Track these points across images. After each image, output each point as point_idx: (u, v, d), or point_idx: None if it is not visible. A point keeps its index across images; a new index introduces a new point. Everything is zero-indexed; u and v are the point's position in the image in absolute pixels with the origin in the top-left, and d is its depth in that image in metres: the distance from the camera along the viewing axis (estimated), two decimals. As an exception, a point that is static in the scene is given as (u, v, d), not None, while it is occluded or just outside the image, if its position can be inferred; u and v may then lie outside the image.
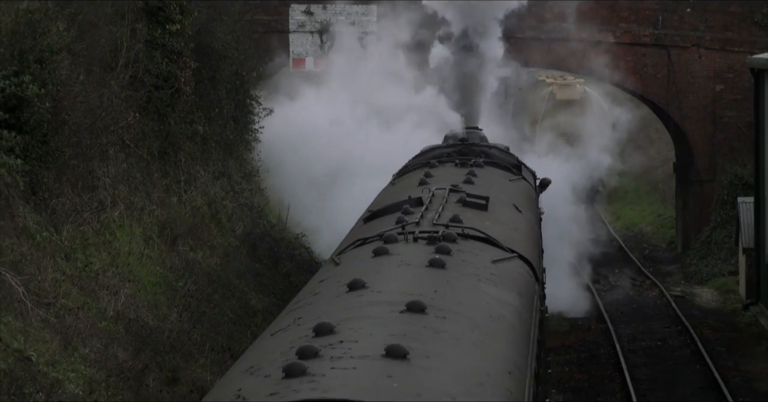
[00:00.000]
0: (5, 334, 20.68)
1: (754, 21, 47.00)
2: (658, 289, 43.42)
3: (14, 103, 24.50)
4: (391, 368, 10.47)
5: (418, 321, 12.25)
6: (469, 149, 27.49)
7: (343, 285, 13.95)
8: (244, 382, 10.72)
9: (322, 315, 12.46)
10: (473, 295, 14.32)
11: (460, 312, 13.22)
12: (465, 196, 20.07)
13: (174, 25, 32.04)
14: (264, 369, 10.98)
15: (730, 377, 32.58)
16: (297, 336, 11.85)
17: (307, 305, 13.85)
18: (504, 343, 12.87)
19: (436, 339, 11.88)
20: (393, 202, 20.61)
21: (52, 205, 25.44)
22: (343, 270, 15.63)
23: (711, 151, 46.86)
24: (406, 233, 16.83)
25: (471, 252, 16.55)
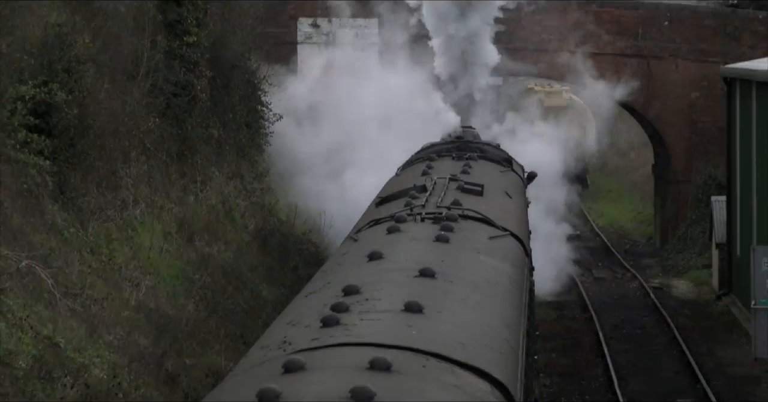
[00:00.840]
0: (36, 322, 20.71)
1: (727, 33, 47.03)
2: (638, 281, 43.43)
3: (44, 109, 24.54)
4: (409, 320, 11.69)
5: (430, 284, 13.40)
6: (465, 145, 28.32)
7: (363, 256, 15.04)
8: (287, 332, 11.81)
9: (348, 279, 13.50)
10: (474, 265, 15.51)
11: (464, 277, 14.39)
12: (463, 184, 21.11)
13: (191, 37, 32.06)
14: (303, 321, 12.13)
15: (704, 362, 32.62)
16: (329, 296, 12.95)
17: (333, 273, 15.00)
18: (501, 303, 14.12)
19: (445, 298, 13.07)
20: (400, 189, 21.65)
21: (79, 204, 25.48)
22: (361, 245, 16.76)
23: (687, 153, 46.89)
24: (414, 214, 17.98)
25: (470, 230, 17.66)
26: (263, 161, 38.22)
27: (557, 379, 31.40)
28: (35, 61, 24.99)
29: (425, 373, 10.36)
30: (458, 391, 10.10)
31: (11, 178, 22.94)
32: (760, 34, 47.05)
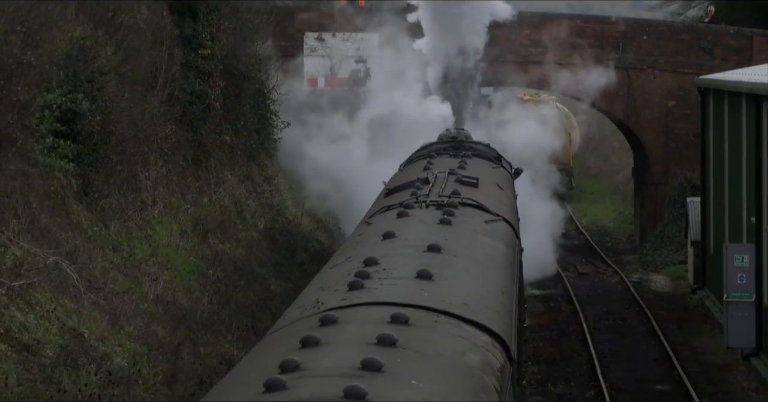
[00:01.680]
0: (62, 314, 20.73)
1: (701, 47, 47.06)
2: (619, 276, 43.44)
3: (69, 116, 24.57)
4: (421, 285, 12.93)
5: (437, 257, 14.66)
6: (460, 144, 29.18)
7: (378, 236, 16.36)
8: (319, 295, 13.04)
9: (366, 254, 14.66)
10: (473, 243, 16.89)
11: (465, 253, 15.77)
12: (460, 177, 22.45)
13: (205, 50, 32.08)
14: (332, 287, 13.42)
15: (680, 351, 32.63)
16: (352, 266, 14.21)
17: (353, 249, 16.25)
18: (496, 274, 15.49)
19: (450, 268, 14.37)
20: (406, 182, 23.00)
21: (102, 204, 25.49)
22: (375, 227, 17.99)
23: (664, 158, 46.89)
24: (420, 202, 19.45)
25: (469, 215, 19.01)
26: (272, 165, 38.24)
27: (544, 367, 31.40)
28: (61, 71, 25.02)
29: (437, 326, 11.64)
30: (465, 341, 11.50)
31: (39, 180, 22.95)
32: (731, 48, 47.09)
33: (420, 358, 10.44)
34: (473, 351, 11.50)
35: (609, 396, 28.28)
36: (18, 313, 19.52)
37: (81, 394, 18.82)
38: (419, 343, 10.76)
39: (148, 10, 31.88)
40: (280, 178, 38.68)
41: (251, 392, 9.09)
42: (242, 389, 9.37)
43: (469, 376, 10.64)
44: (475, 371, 10.89)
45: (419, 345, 10.71)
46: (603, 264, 46.39)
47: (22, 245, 21.11)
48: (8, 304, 19.40)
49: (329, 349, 10.22)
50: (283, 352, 10.21)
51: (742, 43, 47.17)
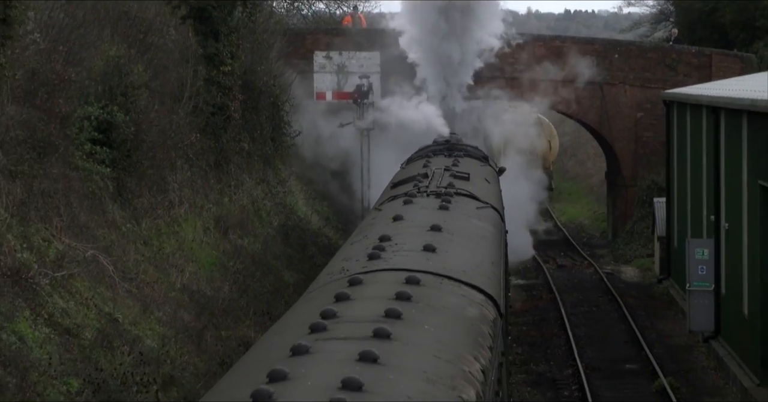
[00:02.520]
0: (99, 301, 20.77)
1: (666, 64, 47.09)
2: (594, 267, 43.44)
3: (105, 126, 24.62)
4: (427, 256, 14.17)
5: (438, 235, 15.93)
6: (453, 146, 30.17)
7: (389, 219, 17.67)
8: (344, 264, 14.35)
9: (380, 232, 15.94)
10: (467, 224, 18.23)
11: (462, 232, 17.12)
12: (455, 172, 23.72)
13: (226, 67, 32.10)
14: (354, 257, 14.74)
15: (647, 334, 32.65)
16: (369, 242, 15.54)
17: (368, 230, 17.59)
18: (487, 249, 16.77)
19: (450, 243, 15.69)
20: (408, 176, 24.40)
21: (134, 204, 25.53)
22: (385, 213, 19.23)
23: (633, 162, 46.92)
24: (421, 192, 20.75)
25: (463, 202, 20.37)
26: (285, 169, 38.29)
27: (527, 348, 31.43)
28: (99, 86, 25.07)
29: (442, 287, 12.89)
30: (464, 298, 12.78)
31: (79, 182, 23.00)
32: (693, 65, 47.14)
33: (430, 309, 11.69)
34: (471, 306, 12.78)
35: (584, 374, 28.31)
36: (60, 300, 19.57)
37: (116, 372, 18.86)
38: (429, 299, 12.01)
39: (175, 32, 31.94)
40: (292, 181, 38.72)
41: (299, 332, 10.24)
42: (291, 331, 10.55)
43: (470, 324, 11.96)
44: (474, 321, 12.20)
45: (429, 300, 11.97)
46: (579, 257, 46.42)
47: (64, 240, 21.16)
48: (51, 293, 19.45)
49: (358, 302, 11.37)
50: (320, 305, 11.19)
51: (703, 61, 47.22)
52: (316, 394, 7.92)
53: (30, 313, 18.41)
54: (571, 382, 28.31)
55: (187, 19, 31.92)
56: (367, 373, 8.52)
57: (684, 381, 27.85)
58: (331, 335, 9.95)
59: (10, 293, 18.26)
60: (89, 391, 17.79)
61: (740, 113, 26.96)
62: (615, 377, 28.55)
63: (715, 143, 30.04)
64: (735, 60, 47.52)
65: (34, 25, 23.19)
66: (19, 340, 17.57)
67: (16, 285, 18.57)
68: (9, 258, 18.87)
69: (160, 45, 30.27)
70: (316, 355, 9.29)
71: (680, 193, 36.60)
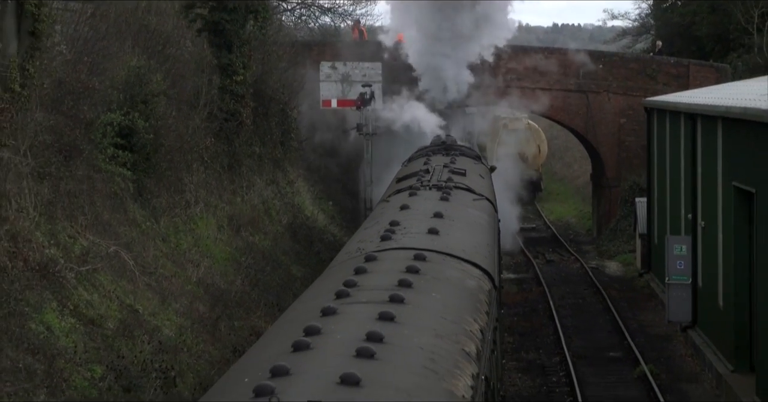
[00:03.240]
0: (120, 293, 20.77)
1: (647, 74, 47.12)
2: (580, 262, 43.50)
3: (127, 131, 24.62)
4: (432, 238, 15.38)
5: (441, 221, 17.04)
6: (449, 147, 31.16)
7: (397, 208, 18.85)
8: (359, 245, 15.65)
9: (390, 219, 16.96)
10: (465, 212, 19.34)
11: (460, 219, 18.27)
12: (452, 168, 24.86)
13: (238, 77, 32.11)
14: (368, 239, 16.01)
15: (629, 324, 32.68)
16: (380, 227, 16.75)
17: (379, 217, 18.79)
18: (483, 233, 17.98)
19: (451, 228, 16.79)
20: (411, 172, 25.47)
21: (153, 203, 25.53)
22: (393, 203, 20.35)
23: (617, 165, 46.93)
24: (424, 185, 21.82)
25: (461, 194, 21.48)
26: (293, 171, 38.31)
27: (518, 337, 31.46)
28: (120, 94, 25.08)
29: (445, 262, 14.04)
30: (465, 272, 13.95)
31: (102, 184, 23.01)
32: (672, 75, 47.15)
33: (436, 281, 12.80)
34: (471, 278, 13.91)
35: (571, 361, 28.33)
36: (85, 292, 19.58)
37: (136, 360, 18.87)
38: (435, 273, 13.13)
39: (191, 44, 31.95)
40: (300, 182, 38.73)
41: (324, 298, 11.33)
42: (318, 299, 11.50)
43: (469, 293, 13.07)
44: (473, 290, 13.32)
45: (435, 273, 13.10)
46: (567, 253, 46.47)
47: (88, 237, 21.17)
48: (77, 286, 19.46)
49: (375, 274, 12.45)
50: (343, 277, 12.29)
51: (681, 71, 47.23)
52: (345, 345, 8.98)
53: (57, 305, 18.43)
54: (559, 368, 28.34)
55: (203, 31, 31.95)
56: (386, 329, 9.53)
57: (663, 368, 27.87)
58: (353, 300, 11.01)
59: (38, 286, 18.28)
60: (112, 377, 17.80)
61: (715, 119, 26.96)
62: (599, 364, 28.57)
63: (692, 147, 30.03)
64: (711, 70, 47.52)
65: (60, 38, 23.20)
66: (47, 330, 17.59)
67: (44, 279, 18.58)
68: (37, 253, 18.88)
69: (177, 56, 30.28)
70: (342, 315, 10.28)
71: (660, 194, 36.61)
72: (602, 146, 47.08)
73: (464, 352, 10.33)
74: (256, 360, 9.56)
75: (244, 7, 32.08)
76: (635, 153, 45.90)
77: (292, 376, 8.29)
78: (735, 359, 25.39)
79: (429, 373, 9.18)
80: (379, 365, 8.79)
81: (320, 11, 58.98)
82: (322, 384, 8.05)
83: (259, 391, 7.82)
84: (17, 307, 17.16)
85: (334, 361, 8.72)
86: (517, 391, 26.10)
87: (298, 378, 8.24)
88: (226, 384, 9.08)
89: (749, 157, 23.63)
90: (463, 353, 10.29)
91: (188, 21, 31.81)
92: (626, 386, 26.57)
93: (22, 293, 17.58)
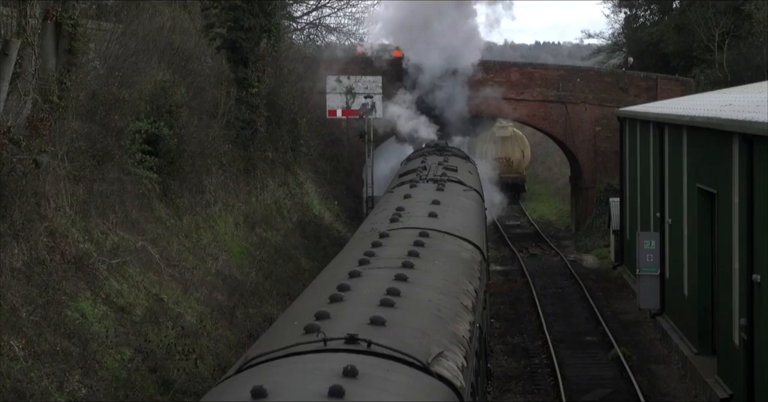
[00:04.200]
0: (147, 284, 20.80)
1: (620, 87, 47.15)
2: (560, 256, 43.50)
3: (153, 138, 24.64)
4: (432, 219, 17.28)
5: (438, 206, 18.90)
6: (443, 148, 33.33)
7: (401, 197, 20.81)
8: (373, 225, 17.69)
9: (396, 206, 19.03)
10: (458, 201, 21.20)
11: (454, 205, 20.10)
12: (446, 165, 26.72)
13: (254, 89, 32.14)
14: (380, 222, 17.73)
15: (604, 311, 32.70)
16: (389, 212, 18.56)
17: (386, 204, 20.81)
18: (473, 217, 19.89)
19: (447, 212, 18.70)
20: (411, 169, 27.51)
21: (177, 203, 25.55)
22: (397, 194, 22.07)
23: (593, 168, 46.96)
24: (422, 179, 23.58)
25: (454, 186, 23.39)
26: (302, 174, 38.32)
27: (505, 323, 31.48)
28: (148, 105, 25.10)
29: (444, 239, 15.95)
30: (460, 247, 15.80)
31: (131, 185, 23.04)
32: (642, 88, 47.19)
33: (438, 252, 14.50)
34: (465, 251, 15.70)
35: (552, 344, 28.34)
36: (115, 283, 19.61)
37: (161, 343, 18.90)
38: (436, 246, 14.87)
39: (211, 60, 31.97)
40: (308, 184, 38.75)
41: (349, 265, 12.88)
42: (344, 266, 13.23)
43: (465, 262, 14.91)
44: (468, 260, 15.13)
45: (437, 247, 14.83)
46: (548, 247, 46.48)
47: (118, 233, 21.20)
48: (108, 277, 19.49)
49: (388, 247, 14.20)
50: (362, 249, 14.06)
51: (650, 84, 47.26)
52: (371, 297, 10.75)
53: (90, 294, 18.46)
54: (541, 351, 28.36)
55: (221, 49, 31.97)
56: (401, 287, 11.27)
57: (635, 350, 27.89)
58: (373, 266, 12.70)
59: (74, 277, 18.31)
60: (139, 359, 17.84)
61: (681, 128, 26.99)
62: (577, 347, 28.60)
63: (660, 153, 30.06)
64: (677, 83, 47.56)
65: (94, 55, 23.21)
66: (82, 317, 17.62)
67: (79, 270, 18.61)
68: (73, 248, 18.92)
69: (198, 71, 30.30)
70: (366, 277, 11.98)
71: (631, 194, 36.64)
72: (580, 152, 47.10)
73: (462, 305, 12.13)
74: (301, 309, 11.01)
75: (258, 27, 32.10)
76: (609, 158, 45.93)
77: (332, 319, 9.80)
78: (698, 343, 25.43)
79: (437, 318, 10.87)
80: (399, 312, 10.38)
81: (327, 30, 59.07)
82: (356, 324, 9.59)
83: (309, 329, 9.40)
84: (55, 296, 17.19)
85: (364, 308, 10.27)
86: (504, 371, 26.12)
87: (336, 320, 9.76)
88: (280, 326, 10.63)
89: (711, 162, 23.67)
90: (461, 306, 12.06)
91: (209, 39, 31.84)
92: (601, 367, 26.60)
93: (60, 283, 17.61)
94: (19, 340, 15.34)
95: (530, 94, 46.58)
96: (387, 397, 7.92)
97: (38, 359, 15.40)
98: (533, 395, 24.25)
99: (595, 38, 66.22)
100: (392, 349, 8.97)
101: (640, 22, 60.21)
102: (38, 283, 17.06)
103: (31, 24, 18.49)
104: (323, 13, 58.21)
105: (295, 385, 7.90)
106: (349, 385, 7.73)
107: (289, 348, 9.02)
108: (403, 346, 9.16)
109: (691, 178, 26.00)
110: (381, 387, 8.05)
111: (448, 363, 9.58)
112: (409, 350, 9.19)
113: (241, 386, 8.09)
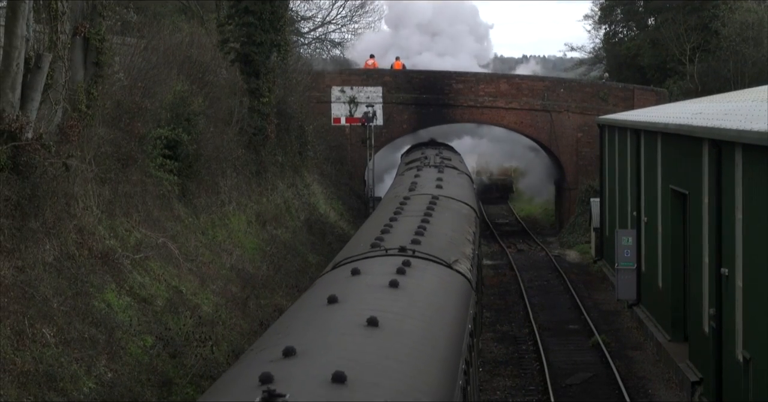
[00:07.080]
0: (167, 277, 20.81)
1: (600, 97, 47.15)
2: (545, 251, 43.50)
3: (173, 144, 24.64)
4: (439, 189, 21.47)
5: (441, 182, 23.61)
6: (436, 143, 38.04)
7: (412, 176, 25.94)
8: (396, 192, 21.17)
9: (409, 182, 23.00)
10: (455, 179, 25.73)
11: (453, 182, 24.42)
12: (442, 156, 31.91)
13: (264, 98, 32.14)
14: (382, 215, 19.44)
15: (585, 302, 32.72)
16: (405, 186, 22.72)
17: (401, 180, 25.57)
18: (468, 189, 25.29)
19: (448, 185, 23.24)
20: (414, 158, 32.59)
21: (194, 203, 25.56)
22: (407, 176, 26.56)
23: (575, 171, 46.96)
24: (425, 165, 28.67)
25: (450, 171, 28.13)
26: (309, 176, 38.33)
27: (494, 313, 31.48)
28: (168, 113, 25.11)
29: (450, 201, 20.31)
30: (461, 206, 19.70)
31: (152, 187, 23.05)
32: (620, 97, 47.19)
33: (446, 209, 18.86)
34: (465, 209, 20.04)
35: (538, 332, 28.35)
36: (138, 276, 19.63)
37: (180, 331, 18.91)
38: (445, 205, 18.98)
39: (226, 72, 32.00)
40: (314, 185, 38.77)
41: (364, 245, 14.95)
42: (382, 217, 16.89)
43: (465, 216, 18.90)
44: (467, 215, 19.31)
45: (446, 206, 18.71)
46: (534, 243, 46.48)
47: (141, 230, 21.21)
48: (132, 270, 19.50)
49: (411, 204, 18.26)
50: (393, 207, 18.66)
51: (627, 94, 47.26)
52: (407, 231, 15.01)
53: (115, 286, 18.48)
54: (528, 338, 28.37)
55: (235, 62, 32.00)
56: (426, 226, 16.11)
57: (613, 338, 27.91)
58: (404, 215, 17.46)
59: (100, 271, 18.33)
60: (160, 345, 17.86)
61: (656, 134, 27.01)
62: (561, 335, 28.61)
63: (636, 157, 30.08)
64: (652, 93, 47.56)
65: (119, 67, 23.23)
66: (107, 307, 17.64)
67: (105, 265, 18.64)
68: (100, 244, 18.94)
69: (214, 82, 30.32)
70: (400, 222, 16.54)
71: (610, 195, 36.65)
72: (563, 156, 47.11)
73: (466, 238, 16.50)
74: (363, 238, 15.52)
75: (269, 42, 32.11)
76: (590, 161, 45.93)
77: (385, 240, 14.47)
78: (671, 330, 25.45)
79: (451, 243, 15.61)
80: (427, 238, 15.01)
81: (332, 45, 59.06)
82: (401, 243, 14.24)
83: (374, 244, 14.14)
84: (83, 288, 17.22)
85: (404, 236, 14.62)
86: (494, 357, 26.13)
87: (388, 241, 14.34)
88: (352, 245, 14.79)
89: (683, 165, 23.69)
90: (465, 238, 16.43)
91: (224, 53, 31.86)
92: (583, 353, 26.62)
93: (87, 276, 17.64)
94: (50, 328, 15.37)
95: (517, 103, 46.59)
96: (429, 278, 12.71)
97: (68, 346, 15.43)
98: (521, 379, 24.26)
99: (577, 51, 66.04)
100: (428, 254, 13.93)
101: (618, 38, 60.24)
102: (68, 276, 17.09)
103: (62, 39, 18.52)
104: (329, 29, 58.24)
105: (375, 269, 12.63)
106: (405, 272, 12.24)
107: (363, 254, 13.87)
108: (435, 253, 14.15)
109: (664, 180, 26.03)
110: (423, 275, 12.79)
111: (461, 265, 14.43)
112: (439, 255, 14.18)
113: (342, 271, 12.62)
